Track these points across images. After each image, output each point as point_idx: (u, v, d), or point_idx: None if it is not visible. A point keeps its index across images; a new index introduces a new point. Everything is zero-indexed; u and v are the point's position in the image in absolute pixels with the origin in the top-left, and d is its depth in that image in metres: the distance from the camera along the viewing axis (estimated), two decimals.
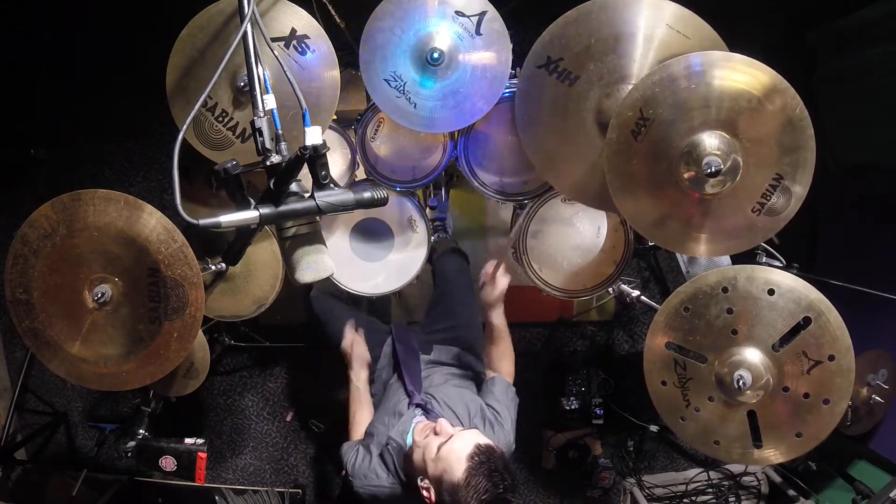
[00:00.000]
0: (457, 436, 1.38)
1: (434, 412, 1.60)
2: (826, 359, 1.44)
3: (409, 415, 1.62)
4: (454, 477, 1.29)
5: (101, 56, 2.80)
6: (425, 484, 1.38)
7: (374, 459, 1.56)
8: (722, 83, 1.35)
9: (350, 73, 1.96)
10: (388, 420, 1.63)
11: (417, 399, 1.65)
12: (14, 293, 1.42)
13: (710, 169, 1.35)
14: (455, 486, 1.29)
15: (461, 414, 1.60)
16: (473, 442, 1.34)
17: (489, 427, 1.58)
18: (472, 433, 1.40)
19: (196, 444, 1.93)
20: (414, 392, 1.67)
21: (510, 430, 1.61)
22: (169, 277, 1.39)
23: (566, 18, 1.52)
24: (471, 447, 1.32)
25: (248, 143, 1.60)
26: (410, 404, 1.65)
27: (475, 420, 1.59)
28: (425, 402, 1.64)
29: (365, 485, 1.53)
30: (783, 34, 2.81)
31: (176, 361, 1.47)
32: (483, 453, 1.31)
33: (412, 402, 1.65)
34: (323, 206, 1.17)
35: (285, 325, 2.88)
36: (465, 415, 1.60)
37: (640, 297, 2.08)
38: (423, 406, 1.63)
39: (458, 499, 1.29)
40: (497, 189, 1.92)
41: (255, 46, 1.24)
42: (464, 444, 1.34)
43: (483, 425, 1.58)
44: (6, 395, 2.99)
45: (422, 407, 1.63)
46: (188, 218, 1.01)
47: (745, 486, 2.95)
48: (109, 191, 1.37)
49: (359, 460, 1.58)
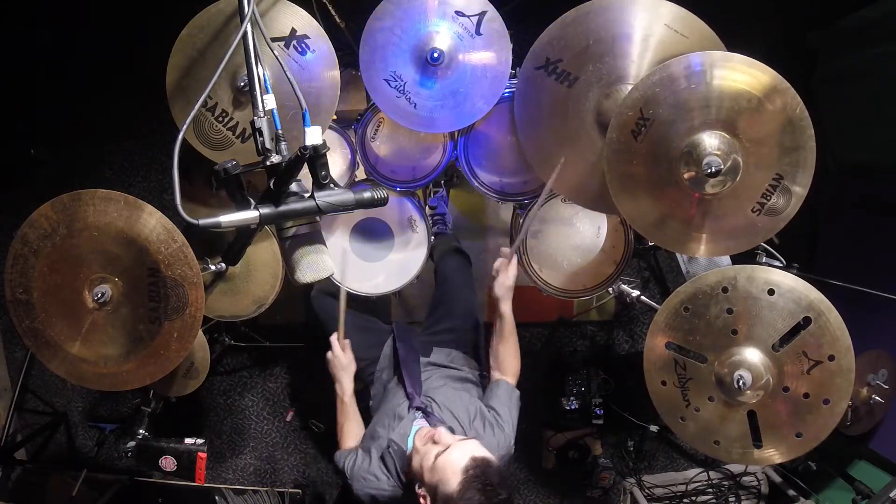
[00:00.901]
0: (454, 446, 1.36)
1: (434, 416, 1.60)
2: (826, 359, 1.44)
3: (409, 417, 1.61)
4: (448, 488, 1.28)
5: (101, 56, 2.80)
6: (422, 492, 1.37)
7: (374, 462, 1.55)
8: (722, 83, 1.36)
9: (350, 73, 1.96)
10: (388, 422, 1.63)
11: (417, 402, 1.64)
12: (14, 293, 1.43)
13: (710, 169, 1.35)
14: (449, 497, 1.28)
15: (461, 417, 1.60)
16: (470, 454, 1.33)
17: (489, 428, 1.58)
18: (471, 444, 1.39)
19: (196, 444, 1.93)
20: (414, 395, 1.67)
21: (511, 433, 1.60)
22: (169, 277, 1.39)
23: (564, 20, 1.52)
24: (466, 459, 1.31)
25: (248, 143, 1.61)
26: (411, 407, 1.64)
27: (475, 423, 1.59)
28: (425, 405, 1.64)
29: (364, 487, 1.53)
30: (783, 34, 2.81)
31: (176, 361, 1.47)
32: (478, 466, 1.30)
33: (412, 404, 1.64)
34: (323, 206, 1.16)
35: (285, 325, 2.88)
36: (466, 418, 1.60)
37: (640, 297, 2.08)
38: (424, 409, 1.62)
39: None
40: (497, 189, 1.92)
41: (255, 46, 1.24)
42: (460, 455, 1.33)
43: (483, 427, 1.58)
44: (6, 395, 2.99)
45: (422, 410, 1.62)
46: (188, 218, 1.01)
47: (745, 486, 2.95)
48: (109, 191, 1.37)
49: (358, 462, 1.57)
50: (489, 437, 1.56)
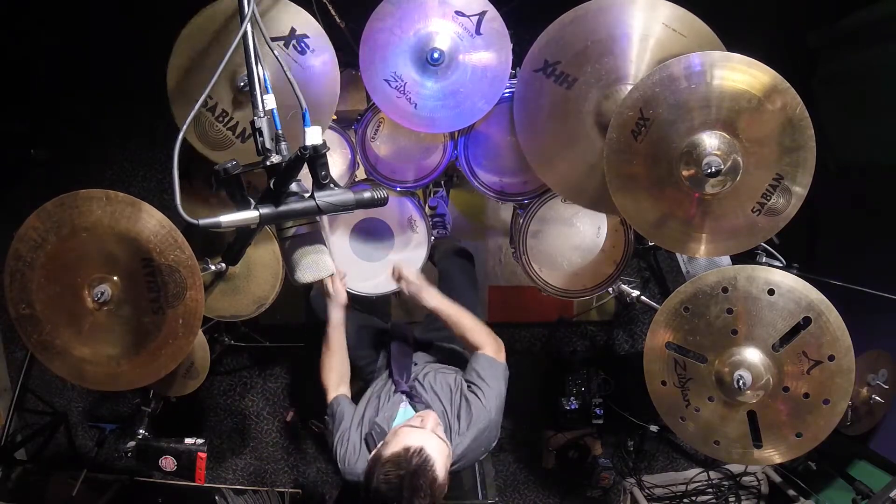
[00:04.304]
0: (421, 431, 1.43)
1: (419, 398, 1.63)
2: (826, 359, 1.45)
3: (394, 400, 1.65)
4: (377, 452, 1.40)
5: (102, 56, 2.80)
6: None
7: (360, 445, 1.57)
8: (722, 83, 1.36)
9: (350, 73, 1.96)
10: (375, 405, 1.67)
11: (403, 387, 1.68)
12: (18, 310, 1.42)
13: (710, 169, 1.35)
14: (376, 458, 1.39)
15: (443, 394, 1.63)
16: (417, 443, 1.37)
17: (464, 403, 1.58)
18: (432, 439, 1.41)
19: (196, 444, 1.92)
20: (400, 380, 1.70)
21: (493, 407, 1.58)
22: (163, 264, 1.39)
23: (562, 21, 1.52)
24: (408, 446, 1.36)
25: (248, 143, 1.61)
26: (396, 391, 1.68)
27: (454, 397, 1.61)
28: (410, 388, 1.68)
29: (352, 471, 1.54)
30: (783, 34, 2.81)
31: (187, 348, 1.47)
32: (408, 459, 1.33)
33: (398, 389, 1.68)
34: (323, 206, 1.17)
35: (285, 325, 2.89)
36: (448, 395, 1.62)
37: (640, 297, 2.08)
38: (408, 393, 1.66)
39: (370, 472, 1.38)
40: (497, 189, 1.92)
41: (255, 46, 1.24)
42: (411, 439, 1.39)
43: (460, 401, 1.59)
44: (6, 395, 2.99)
45: (406, 394, 1.66)
46: (188, 218, 1.01)
47: (745, 486, 2.95)
48: (90, 190, 1.37)
49: (348, 451, 1.57)
50: (465, 413, 1.56)
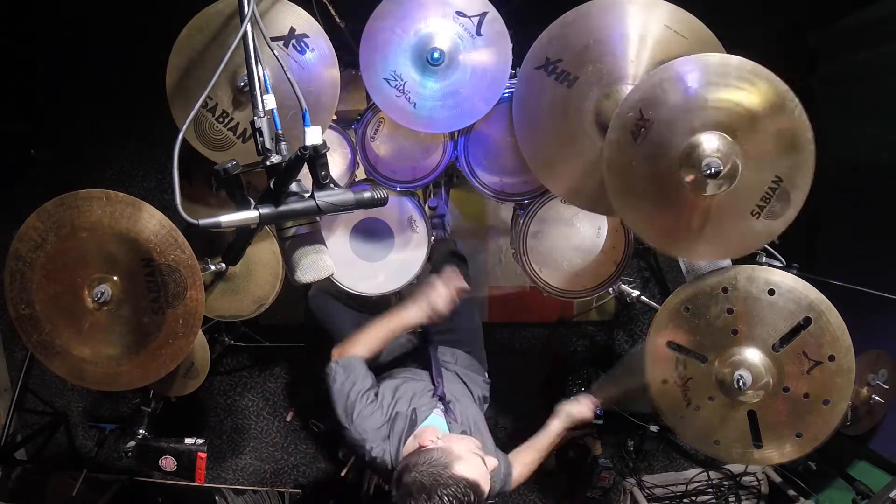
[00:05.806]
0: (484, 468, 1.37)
1: (453, 416, 1.59)
2: (826, 359, 1.45)
3: (430, 403, 1.61)
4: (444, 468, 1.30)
5: (102, 56, 2.80)
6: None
7: (382, 420, 1.51)
8: (722, 85, 1.35)
9: (350, 73, 1.95)
10: (412, 397, 1.60)
11: (441, 391, 1.65)
12: (17, 310, 1.43)
13: (709, 170, 1.35)
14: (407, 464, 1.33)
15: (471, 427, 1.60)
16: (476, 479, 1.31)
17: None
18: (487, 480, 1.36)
19: (196, 444, 1.93)
20: (439, 383, 1.68)
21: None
22: (163, 264, 1.39)
23: (564, 20, 1.52)
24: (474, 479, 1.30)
25: (248, 143, 1.61)
26: (434, 394, 1.65)
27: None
28: (448, 399, 1.63)
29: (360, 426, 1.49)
30: (783, 34, 2.81)
31: (187, 348, 1.47)
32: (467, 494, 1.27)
33: (435, 392, 1.65)
34: (323, 206, 1.17)
35: (285, 325, 2.88)
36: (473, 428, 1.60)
37: (640, 297, 2.09)
38: (444, 399, 1.63)
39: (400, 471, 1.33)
40: (497, 189, 1.92)
41: (255, 46, 1.24)
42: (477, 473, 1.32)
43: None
44: (6, 395, 2.99)
45: (442, 400, 1.63)
46: (188, 218, 1.01)
47: (745, 486, 2.95)
48: (90, 190, 1.37)
49: (367, 408, 1.51)
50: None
